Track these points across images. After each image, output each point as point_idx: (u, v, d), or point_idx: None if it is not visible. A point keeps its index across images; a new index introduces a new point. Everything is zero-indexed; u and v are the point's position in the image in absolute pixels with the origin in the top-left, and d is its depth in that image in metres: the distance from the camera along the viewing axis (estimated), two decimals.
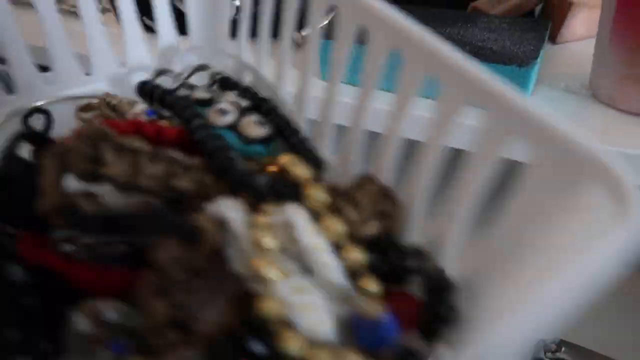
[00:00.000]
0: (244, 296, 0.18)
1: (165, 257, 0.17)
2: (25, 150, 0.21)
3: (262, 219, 0.18)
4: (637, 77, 0.36)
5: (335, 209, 0.20)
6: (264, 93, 0.27)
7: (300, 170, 0.20)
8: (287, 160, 0.20)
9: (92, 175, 0.18)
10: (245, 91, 0.25)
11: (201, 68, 0.28)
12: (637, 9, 0.34)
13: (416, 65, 0.20)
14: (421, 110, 0.20)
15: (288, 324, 0.17)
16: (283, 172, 0.20)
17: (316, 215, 0.19)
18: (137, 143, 0.20)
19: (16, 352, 0.17)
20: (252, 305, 0.18)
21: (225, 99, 0.24)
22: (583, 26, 0.48)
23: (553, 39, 0.48)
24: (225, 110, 0.23)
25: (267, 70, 0.29)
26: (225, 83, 0.29)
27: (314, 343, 0.17)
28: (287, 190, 0.19)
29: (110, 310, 0.18)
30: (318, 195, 0.19)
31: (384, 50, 0.21)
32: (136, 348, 0.18)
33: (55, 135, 0.26)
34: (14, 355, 0.17)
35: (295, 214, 0.18)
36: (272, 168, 0.21)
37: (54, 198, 0.17)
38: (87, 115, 0.26)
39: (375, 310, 0.18)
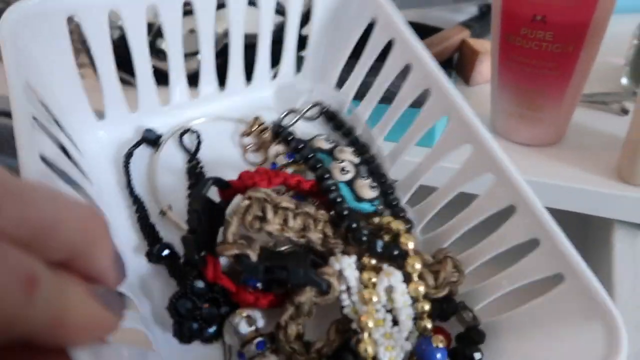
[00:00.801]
0: (346, 327, 0.26)
1: (304, 299, 0.25)
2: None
3: (371, 279, 0.26)
4: (521, 114, 0.45)
5: (420, 274, 0.27)
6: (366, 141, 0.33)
7: (409, 241, 0.27)
8: (400, 228, 0.27)
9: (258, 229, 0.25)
10: (359, 147, 0.31)
11: (317, 104, 0.34)
12: (515, 60, 0.42)
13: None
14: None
15: (375, 358, 0.25)
16: (394, 236, 0.27)
17: (408, 276, 0.27)
18: (286, 202, 0.26)
19: (193, 336, 0.26)
20: (350, 334, 0.26)
21: (345, 157, 0.30)
22: (490, 71, 0.56)
23: (467, 82, 0.57)
24: (347, 170, 0.29)
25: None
26: (331, 116, 0.35)
27: None
28: (397, 256, 0.26)
29: (259, 319, 0.26)
30: (416, 266, 0.26)
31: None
32: (271, 349, 0.26)
33: (204, 150, 0.33)
34: (192, 339, 0.26)
35: (397, 282, 0.26)
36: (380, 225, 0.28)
37: (233, 247, 0.24)
38: (247, 139, 0.32)
39: (440, 342, 0.26)
